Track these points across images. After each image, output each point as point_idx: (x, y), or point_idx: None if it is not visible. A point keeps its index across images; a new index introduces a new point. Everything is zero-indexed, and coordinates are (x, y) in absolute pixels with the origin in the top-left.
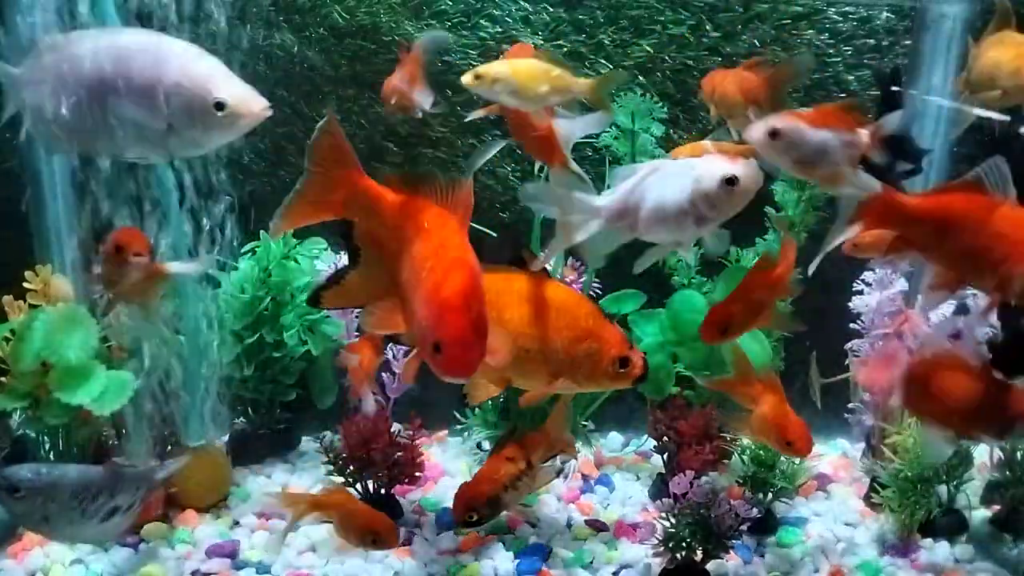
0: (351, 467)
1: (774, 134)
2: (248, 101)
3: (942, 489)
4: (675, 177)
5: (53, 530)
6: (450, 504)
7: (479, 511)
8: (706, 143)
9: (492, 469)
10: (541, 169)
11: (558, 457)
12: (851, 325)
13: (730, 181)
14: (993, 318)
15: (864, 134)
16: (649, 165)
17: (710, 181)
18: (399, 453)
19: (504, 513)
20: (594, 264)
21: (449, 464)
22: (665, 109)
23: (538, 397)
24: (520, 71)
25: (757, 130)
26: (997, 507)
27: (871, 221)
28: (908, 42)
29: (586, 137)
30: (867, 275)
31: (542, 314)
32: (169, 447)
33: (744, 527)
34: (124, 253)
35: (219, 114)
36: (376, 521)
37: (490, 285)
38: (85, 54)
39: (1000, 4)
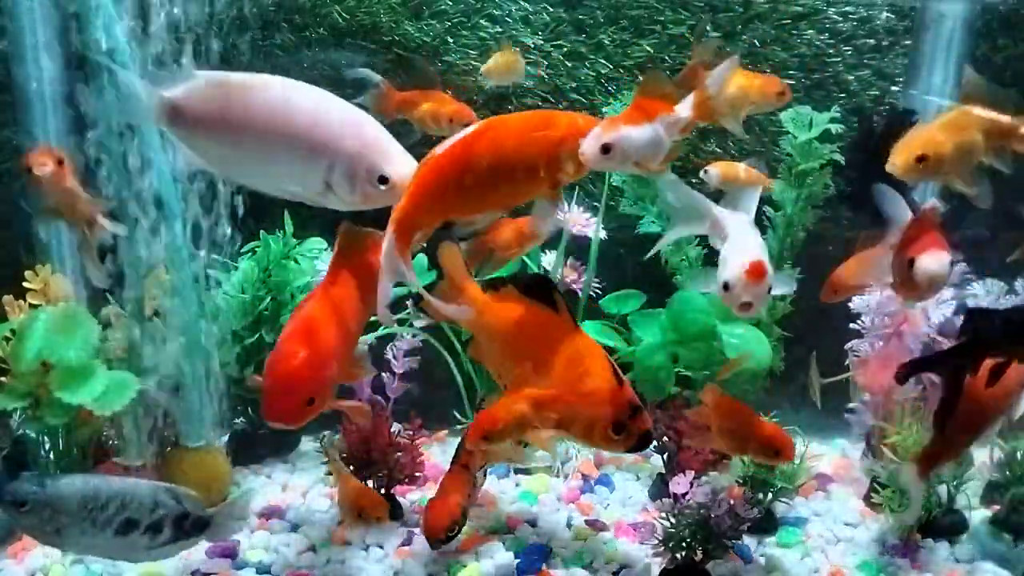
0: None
1: (606, 149)
2: (410, 176)
3: (942, 489)
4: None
5: (68, 543)
6: None
7: (457, 528)
8: (740, 165)
9: (456, 484)
10: None
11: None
12: (851, 325)
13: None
14: None
15: (684, 108)
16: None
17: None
18: (399, 453)
19: (504, 513)
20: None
21: (449, 464)
22: None
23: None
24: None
25: (590, 148)
26: (997, 507)
27: None
28: (908, 42)
29: None
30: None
31: (557, 359)
32: (169, 447)
33: (744, 527)
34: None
35: (381, 187)
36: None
37: (525, 320)
38: (254, 102)
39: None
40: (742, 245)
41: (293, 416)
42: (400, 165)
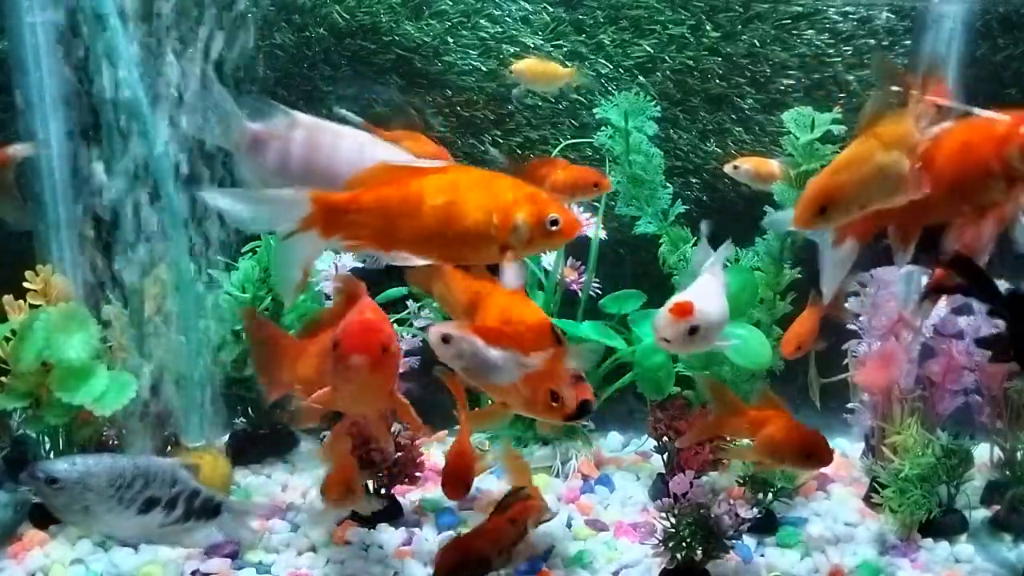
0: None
1: (446, 340)
2: None
3: (942, 489)
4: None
5: (94, 521)
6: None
7: (469, 571)
8: (772, 162)
9: (495, 528)
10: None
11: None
12: (849, 326)
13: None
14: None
15: (539, 356)
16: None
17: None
18: (399, 453)
19: None
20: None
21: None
22: (659, 108)
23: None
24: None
25: (433, 335)
26: (997, 507)
27: None
28: (908, 42)
29: (583, 138)
30: (863, 276)
31: (495, 330)
32: (169, 447)
33: (744, 527)
34: None
35: None
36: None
37: (465, 288)
38: (310, 143)
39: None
40: (691, 289)
41: (368, 349)
42: None
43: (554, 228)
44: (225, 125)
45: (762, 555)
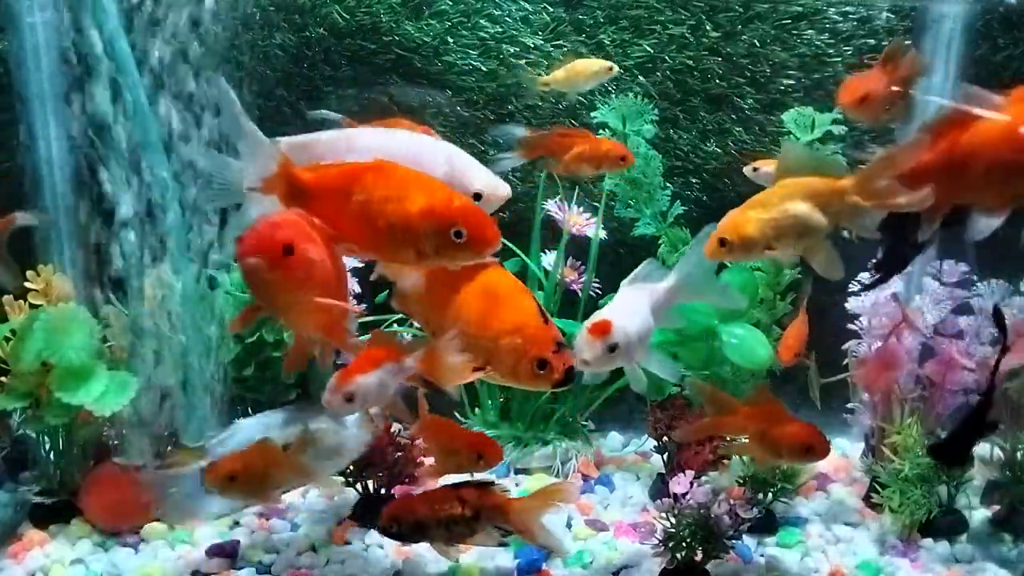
0: (351, 467)
1: (349, 398)
2: (499, 188)
3: (942, 489)
4: None
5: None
6: None
7: (400, 528)
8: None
9: (440, 497)
10: (540, 168)
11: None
12: (849, 326)
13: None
14: None
15: (411, 360)
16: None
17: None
18: (399, 453)
19: None
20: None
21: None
22: (657, 111)
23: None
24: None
25: (333, 398)
26: (997, 507)
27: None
28: (908, 42)
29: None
30: (863, 276)
31: (478, 299)
32: (169, 447)
33: (744, 527)
34: None
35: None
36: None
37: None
38: (358, 149)
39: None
40: (610, 306)
41: (265, 249)
42: (488, 182)
43: (459, 240)
44: (256, 155)
45: (762, 555)
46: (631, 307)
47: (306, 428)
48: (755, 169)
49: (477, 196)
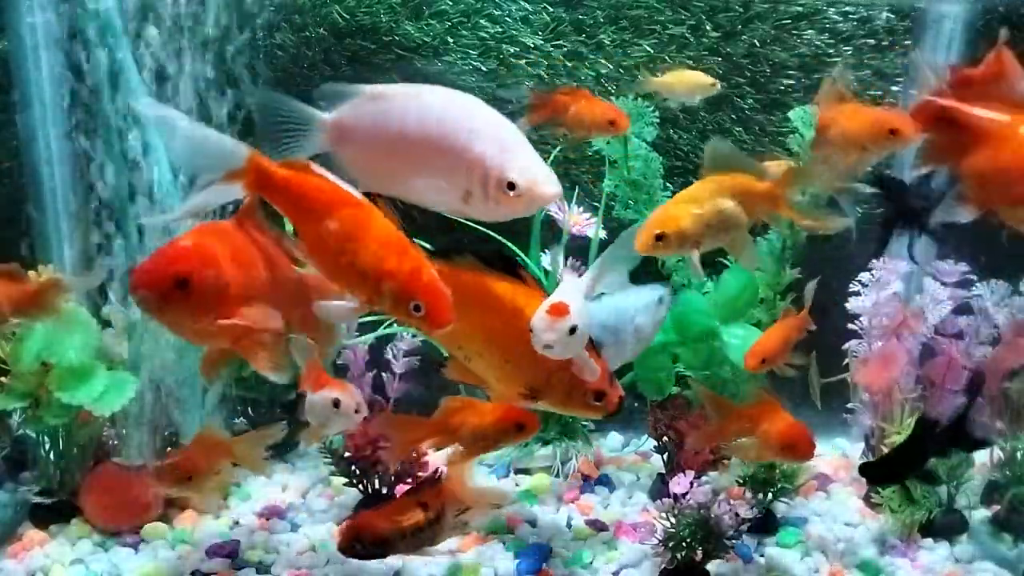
0: (353, 467)
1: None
2: (539, 184)
3: (942, 489)
4: None
5: None
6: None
7: (364, 547)
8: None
9: (399, 509)
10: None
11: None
12: (850, 326)
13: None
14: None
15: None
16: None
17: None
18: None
19: (504, 513)
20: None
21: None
22: (656, 113)
23: (511, 403)
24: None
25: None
26: (997, 507)
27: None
28: (908, 42)
29: (583, 140)
30: (863, 276)
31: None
32: (169, 447)
33: (744, 527)
34: None
35: (510, 193)
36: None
37: (498, 293)
38: (398, 110)
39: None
40: (558, 293)
41: (155, 284)
42: (531, 172)
43: (417, 313)
44: (297, 127)
45: (762, 555)
46: (577, 292)
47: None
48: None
49: (511, 185)
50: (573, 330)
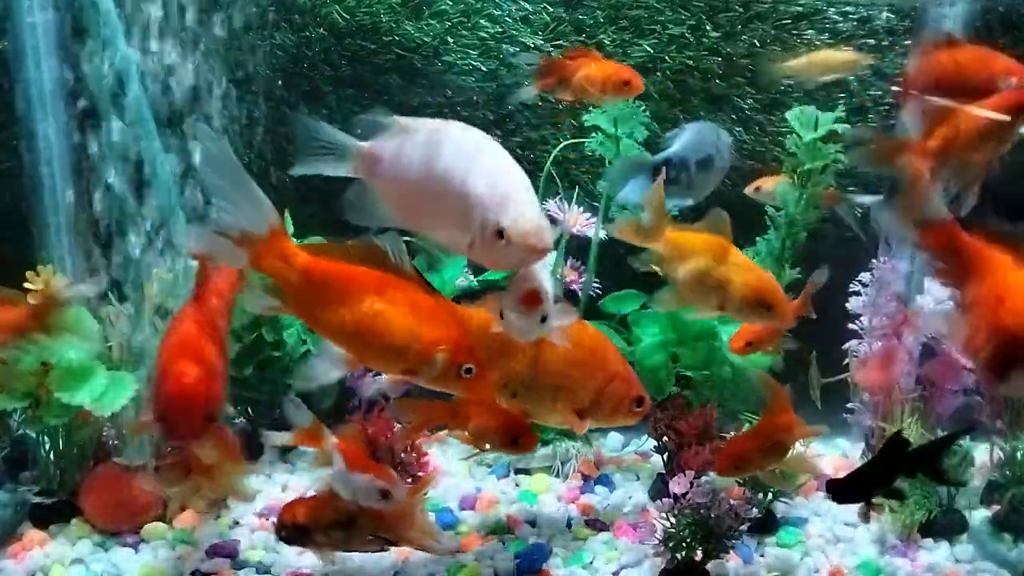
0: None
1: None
2: (529, 235)
3: (942, 489)
4: None
5: None
6: (450, 504)
7: (286, 531)
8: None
9: (319, 501)
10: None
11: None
12: (850, 326)
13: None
14: None
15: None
16: None
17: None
18: (403, 454)
19: (504, 513)
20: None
21: (449, 464)
22: (647, 113)
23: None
24: None
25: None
26: (997, 507)
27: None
28: (908, 42)
29: (583, 138)
30: (863, 276)
31: (578, 355)
32: (168, 447)
33: (744, 527)
34: None
35: (500, 241)
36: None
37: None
38: (418, 146)
39: None
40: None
41: (197, 435)
42: (522, 222)
43: (467, 376)
44: (333, 152)
45: (762, 555)
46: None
47: None
48: (757, 189)
49: (500, 233)
50: (544, 319)
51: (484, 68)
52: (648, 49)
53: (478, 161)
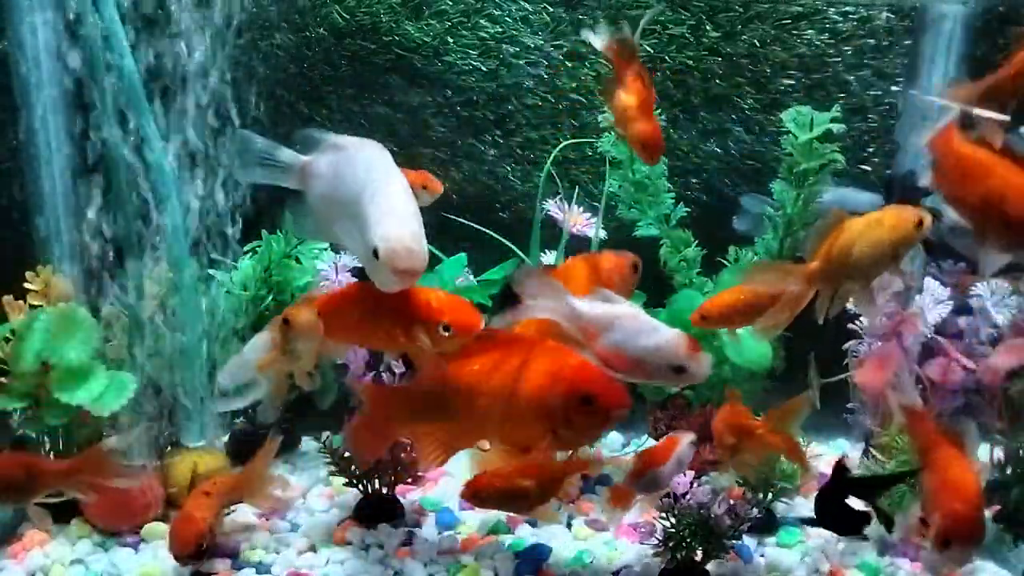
0: (353, 467)
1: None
2: (398, 258)
3: None
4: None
5: None
6: (450, 504)
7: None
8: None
9: (196, 504)
10: (537, 167)
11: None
12: (849, 326)
13: (679, 369)
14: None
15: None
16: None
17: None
18: (402, 454)
19: (504, 513)
20: None
21: (449, 464)
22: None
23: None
24: None
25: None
26: (997, 507)
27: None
28: (908, 42)
29: (583, 138)
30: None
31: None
32: (169, 447)
33: (744, 527)
34: None
35: (376, 260)
36: None
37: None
38: (338, 164)
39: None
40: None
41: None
42: (394, 242)
43: (447, 333)
44: (275, 166)
45: (762, 555)
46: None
47: None
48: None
49: (375, 252)
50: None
51: (484, 68)
52: (648, 49)
53: (373, 182)
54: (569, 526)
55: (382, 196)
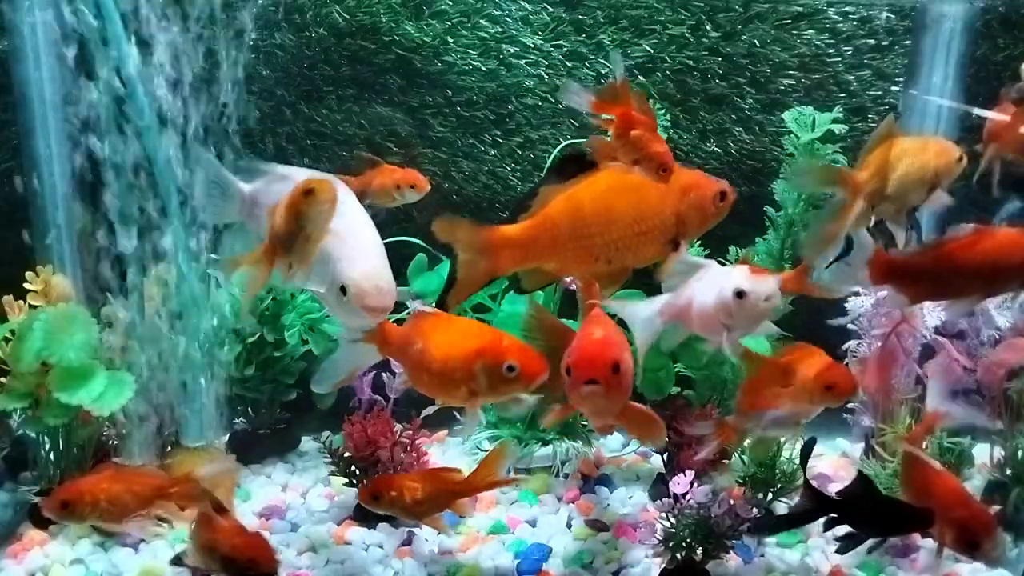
0: (353, 467)
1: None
2: (367, 296)
3: None
4: (711, 284)
5: None
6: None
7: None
8: None
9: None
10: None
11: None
12: (849, 326)
13: (740, 294)
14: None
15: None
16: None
17: (725, 292)
18: (402, 454)
19: (504, 513)
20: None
21: (449, 464)
22: (662, 112)
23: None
24: None
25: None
26: (997, 507)
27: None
28: (908, 42)
29: (583, 138)
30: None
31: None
32: (169, 447)
33: (744, 527)
34: None
35: (343, 297)
36: None
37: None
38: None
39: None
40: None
41: (604, 375)
42: (364, 281)
43: (511, 375)
44: (221, 192)
45: (762, 555)
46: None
47: None
48: None
49: (343, 290)
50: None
51: (484, 68)
52: (648, 49)
53: (342, 216)
54: (569, 526)
55: (345, 231)
